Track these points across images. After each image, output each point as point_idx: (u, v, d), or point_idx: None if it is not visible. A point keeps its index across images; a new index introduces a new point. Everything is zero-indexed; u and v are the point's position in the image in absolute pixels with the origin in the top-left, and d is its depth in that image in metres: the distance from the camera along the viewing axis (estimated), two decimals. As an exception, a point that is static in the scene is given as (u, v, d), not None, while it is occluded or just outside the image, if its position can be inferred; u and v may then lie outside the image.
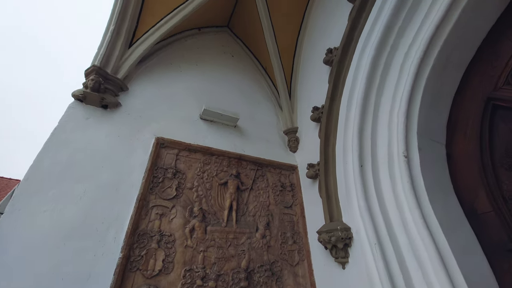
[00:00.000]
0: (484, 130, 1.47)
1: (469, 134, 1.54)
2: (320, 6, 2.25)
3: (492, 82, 1.48)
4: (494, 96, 1.44)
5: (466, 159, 1.53)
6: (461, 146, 1.56)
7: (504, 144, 1.41)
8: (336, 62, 1.79)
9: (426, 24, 1.38)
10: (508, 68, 1.43)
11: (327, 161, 1.75)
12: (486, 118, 1.48)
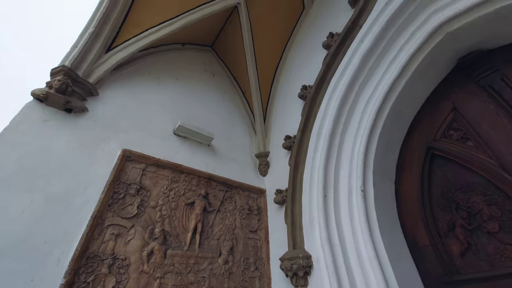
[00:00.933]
0: (425, 174, 1.73)
1: (413, 175, 1.79)
2: (299, 45, 2.49)
3: (432, 133, 1.78)
4: (433, 146, 1.73)
5: (410, 197, 1.76)
6: (406, 185, 1.80)
7: (440, 187, 1.67)
8: (310, 98, 1.96)
9: (383, 81, 1.64)
10: (445, 124, 1.75)
11: (295, 189, 1.84)
12: (426, 163, 1.75)
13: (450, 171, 1.65)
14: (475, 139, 1.56)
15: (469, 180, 1.55)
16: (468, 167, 1.55)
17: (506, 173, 1.39)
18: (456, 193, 1.57)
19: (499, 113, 1.49)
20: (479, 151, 1.53)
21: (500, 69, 1.53)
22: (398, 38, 1.62)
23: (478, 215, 1.46)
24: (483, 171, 1.48)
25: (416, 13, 1.56)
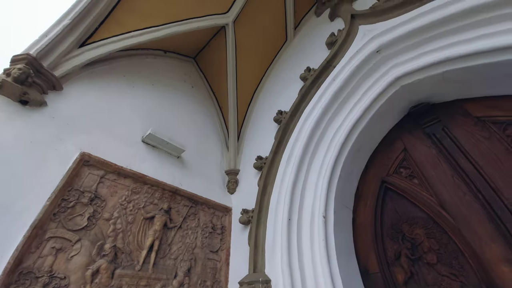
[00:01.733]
0: (378, 205, 1.91)
1: (368, 205, 1.95)
2: (279, 73, 2.66)
3: (386, 169, 1.99)
4: (386, 180, 1.93)
5: (364, 226, 1.90)
6: (362, 214, 1.95)
7: (390, 218, 1.84)
8: (284, 123, 2.07)
9: (349, 118, 1.82)
10: (397, 162, 1.98)
11: (261, 210, 1.86)
12: (380, 196, 1.93)
13: (399, 204, 1.85)
14: (420, 178, 1.79)
15: (413, 214, 1.74)
16: (413, 202, 1.76)
17: (444, 211, 1.61)
18: (403, 225, 1.75)
19: (439, 158, 1.75)
20: (422, 188, 1.76)
21: (442, 120, 1.82)
22: (363, 83, 1.85)
23: (420, 247, 1.64)
24: (425, 207, 1.69)
25: (379, 64, 1.81)
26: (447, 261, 1.50)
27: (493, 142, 1.58)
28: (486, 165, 1.54)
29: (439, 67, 1.60)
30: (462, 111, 1.76)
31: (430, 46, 1.62)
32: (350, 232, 1.91)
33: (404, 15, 1.70)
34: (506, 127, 1.57)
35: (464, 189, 1.57)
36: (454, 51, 1.51)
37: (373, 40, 1.83)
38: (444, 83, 1.69)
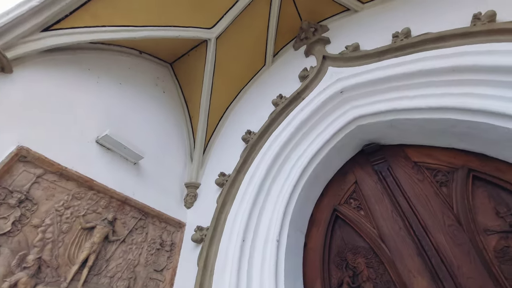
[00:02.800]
0: (328, 232, 2.02)
1: (319, 231, 2.05)
2: (253, 94, 2.76)
3: (339, 198, 2.14)
4: (337, 209, 2.07)
5: (314, 251, 1.98)
6: (313, 240, 2.03)
7: (337, 246, 1.96)
8: (251, 143, 2.12)
9: (310, 148, 1.96)
10: (349, 192, 2.15)
11: (216, 228, 1.81)
12: (331, 223, 2.05)
13: (346, 233, 1.98)
14: (366, 210, 1.97)
15: (357, 244, 1.89)
16: (358, 232, 1.91)
17: (382, 243, 1.78)
18: (347, 253, 1.87)
19: (383, 194, 1.96)
20: (367, 220, 1.92)
21: (388, 160, 2.07)
22: (326, 117, 2.03)
23: (360, 275, 1.76)
24: (367, 237, 1.85)
25: (341, 104, 2.02)
26: (382, 291, 1.63)
27: (425, 185, 1.84)
28: (418, 204, 1.78)
29: (388, 115, 1.85)
30: (404, 155, 2.03)
31: (383, 96, 1.87)
32: (301, 257, 1.96)
33: (365, 66, 1.96)
34: (436, 174, 1.85)
35: (400, 224, 1.77)
36: (401, 104, 1.77)
37: (338, 82, 2.05)
38: (391, 129, 1.95)
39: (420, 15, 1.95)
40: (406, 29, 1.84)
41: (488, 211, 1.59)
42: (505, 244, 1.47)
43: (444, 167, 1.82)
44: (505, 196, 1.59)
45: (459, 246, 1.54)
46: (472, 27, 1.56)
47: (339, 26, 2.63)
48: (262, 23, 2.82)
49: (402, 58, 1.77)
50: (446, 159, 1.84)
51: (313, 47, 2.52)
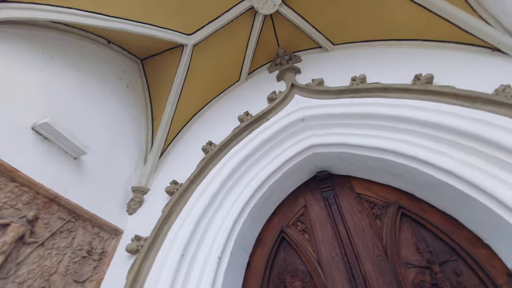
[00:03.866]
0: (272, 252, 2.04)
1: (264, 251, 2.07)
2: (221, 107, 2.78)
3: (287, 220, 2.21)
4: (284, 230, 2.12)
5: (256, 271, 1.97)
6: (257, 259, 2.03)
7: (278, 268, 1.99)
8: (210, 155, 2.10)
9: (267, 168, 2.03)
10: (297, 215, 2.23)
11: (156, 239, 1.70)
12: (276, 243, 2.09)
13: (289, 255, 2.03)
14: (310, 234, 2.05)
15: (297, 266, 1.94)
16: (299, 255, 1.97)
17: (319, 267, 1.86)
18: (286, 275, 1.90)
19: (327, 220, 2.08)
20: (309, 244, 2.01)
21: (335, 189, 2.22)
22: (286, 141, 2.13)
23: (295, 299, 1.80)
24: (306, 261, 1.92)
25: (301, 130, 2.15)
26: (314, 316, 1.68)
27: (363, 216, 2.01)
28: (355, 233, 1.92)
29: (339, 148, 2.03)
30: (349, 186, 2.20)
31: (337, 130, 2.05)
32: (241, 276, 1.93)
33: (326, 100, 2.15)
34: (373, 207, 2.04)
35: (337, 250, 1.89)
36: (350, 139, 1.96)
37: (301, 110, 2.19)
38: (341, 161, 2.12)
39: (376, 66, 2.24)
40: (362, 76, 2.09)
41: (410, 246, 1.79)
42: (422, 279, 1.66)
43: (380, 201, 2.03)
44: (425, 234, 1.82)
45: (383, 276, 1.69)
46: (412, 85, 1.83)
47: (311, 59, 2.86)
48: (242, 42, 2.92)
49: (356, 100, 1.99)
50: (383, 194, 2.05)
51: (285, 74, 2.67)
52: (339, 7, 2.60)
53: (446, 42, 2.14)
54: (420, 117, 1.70)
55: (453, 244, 1.67)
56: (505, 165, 1.41)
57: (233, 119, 2.37)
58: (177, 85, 2.53)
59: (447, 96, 1.67)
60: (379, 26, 2.54)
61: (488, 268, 1.54)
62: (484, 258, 1.57)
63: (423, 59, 2.09)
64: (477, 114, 1.54)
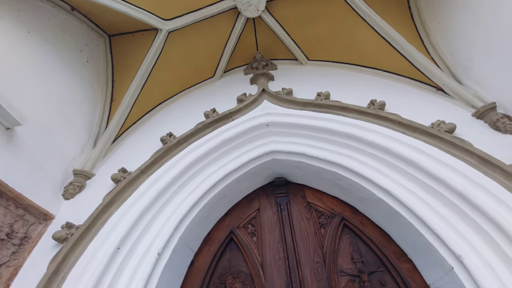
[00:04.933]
0: (218, 253, 2.02)
1: (211, 251, 2.03)
2: (188, 100, 2.72)
3: (239, 221, 2.21)
4: (234, 231, 2.12)
5: (199, 271, 1.93)
6: (202, 259, 1.99)
7: (222, 269, 1.97)
8: (167, 147, 2.02)
9: (223, 168, 2.02)
10: (249, 217, 2.24)
11: (90, 229, 1.57)
12: (224, 244, 2.08)
13: (235, 256, 2.03)
14: (258, 237, 2.08)
15: (241, 268, 1.94)
16: (244, 257, 1.98)
17: (261, 270, 1.89)
18: (228, 277, 1.89)
19: (276, 224, 2.13)
20: (256, 247, 2.03)
21: (289, 196, 2.30)
22: (248, 143, 2.15)
23: (232, 301, 1.79)
24: (250, 263, 1.93)
25: (264, 135, 2.20)
26: (246, 318, 1.69)
27: (310, 224, 2.10)
28: (300, 239, 2.00)
29: (297, 157, 2.11)
30: (302, 194, 2.30)
31: (298, 140, 2.14)
32: (182, 275, 1.87)
33: (291, 109, 2.23)
34: (320, 216, 2.15)
35: (280, 255, 1.94)
36: (307, 150, 2.06)
37: (267, 115, 2.24)
38: (297, 169, 2.21)
39: (340, 86, 2.41)
40: (327, 93, 2.22)
41: (346, 256, 1.93)
42: (351, 286, 1.78)
43: (327, 211, 2.15)
44: (361, 246, 1.97)
45: (318, 282, 1.78)
46: (367, 108, 2.00)
47: (285, 69, 2.96)
48: (221, 39, 2.90)
49: (318, 114, 2.10)
50: (330, 205, 2.18)
51: (259, 78, 2.72)
52: (318, 26, 2.75)
53: (401, 75, 2.40)
54: (369, 138, 1.86)
55: (382, 257, 1.84)
56: (431, 190, 1.61)
57: (199, 114, 2.32)
58: (144, 69, 2.41)
59: (393, 123, 1.86)
60: (349, 51, 2.74)
61: (409, 281, 1.71)
62: (407, 272, 1.75)
63: (380, 87, 2.31)
64: (414, 142, 1.74)
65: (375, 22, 2.31)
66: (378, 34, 2.39)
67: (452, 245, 1.37)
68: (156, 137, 2.15)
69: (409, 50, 2.27)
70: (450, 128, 1.70)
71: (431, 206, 1.58)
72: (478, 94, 1.93)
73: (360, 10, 2.33)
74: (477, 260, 1.32)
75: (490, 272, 1.27)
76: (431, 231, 1.52)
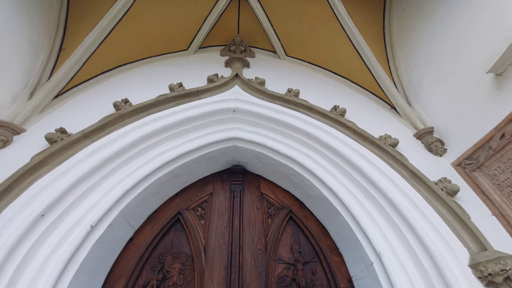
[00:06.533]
0: (161, 232, 1.95)
1: (153, 230, 1.95)
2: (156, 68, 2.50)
3: (190, 203, 2.16)
4: (182, 213, 2.06)
5: (137, 248, 1.84)
6: (143, 236, 1.90)
7: (162, 248, 1.91)
8: (121, 113, 1.83)
9: (182, 146, 1.94)
10: (201, 201, 2.20)
11: (9, 190, 1.34)
12: (169, 224, 2.01)
13: (179, 237, 1.98)
14: (206, 221, 2.07)
15: (183, 249, 1.91)
16: (188, 239, 1.96)
17: (204, 253, 1.89)
18: (168, 257, 1.85)
19: (226, 210, 2.14)
20: (202, 230, 2.02)
21: (244, 184, 2.33)
22: (211, 126, 2.10)
23: (169, 280, 1.76)
24: (193, 245, 1.92)
25: (230, 120, 2.16)
26: (179, 299, 1.69)
27: (259, 213, 2.17)
28: (247, 227, 2.06)
29: (258, 148, 2.13)
30: (257, 184, 2.35)
31: (261, 131, 2.16)
32: (118, 251, 1.77)
33: (260, 100, 2.23)
34: (270, 207, 2.23)
35: (225, 239, 1.97)
36: (269, 142, 2.09)
37: (236, 101, 2.20)
38: (256, 160, 2.24)
39: (311, 86, 2.50)
40: (297, 90, 2.28)
41: (287, 245, 2.05)
42: (285, 273, 1.90)
43: (278, 203, 2.24)
44: (301, 237, 2.11)
45: (257, 267, 1.86)
46: (329, 112, 2.12)
47: (262, 59, 2.94)
48: (201, 12, 2.72)
49: (285, 109, 2.15)
50: (281, 198, 2.28)
51: (234, 62, 2.64)
52: (302, 25, 2.76)
53: (364, 89, 2.59)
54: (326, 140, 1.97)
55: (318, 249, 2.00)
56: (368, 194, 1.79)
57: (163, 86, 2.15)
58: (106, 22, 2.12)
59: (349, 130, 2.00)
60: (327, 56, 2.84)
61: (336, 273, 1.90)
62: (336, 264, 1.94)
63: (345, 95, 2.47)
64: (363, 150, 1.91)
65: (352, 34, 2.42)
66: (353, 46, 2.51)
67: (375, 243, 1.56)
68: (109, 101, 1.94)
69: (376, 67, 2.45)
70: (394, 142, 1.90)
71: (365, 208, 1.76)
72: (422, 118, 2.19)
73: (342, 19, 2.41)
74: (392, 258, 1.52)
75: (401, 269, 1.47)
76: (361, 230, 1.69)
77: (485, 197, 1.64)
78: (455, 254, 1.36)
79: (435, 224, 1.49)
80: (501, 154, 1.58)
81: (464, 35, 1.86)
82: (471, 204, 1.63)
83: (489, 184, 1.64)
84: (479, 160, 1.69)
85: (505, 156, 1.56)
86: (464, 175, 1.77)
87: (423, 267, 1.41)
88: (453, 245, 1.40)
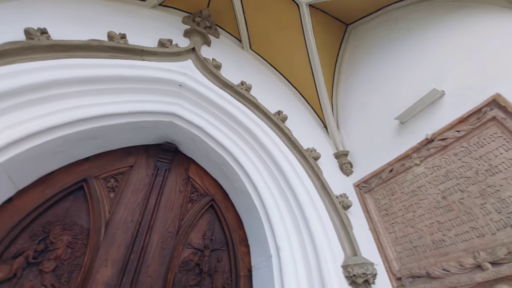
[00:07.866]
0: (54, 198, 1.65)
1: (45, 193, 1.64)
2: (94, 8, 2.07)
3: (102, 171, 1.90)
4: (88, 180, 1.79)
5: (16, 210, 1.51)
6: (28, 199, 1.57)
7: (52, 216, 1.62)
8: (30, 44, 1.44)
9: (111, 106, 1.69)
10: (116, 171, 1.96)
11: None
12: (67, 191, 1.71)
13: (78, 207, 1.72)
14: (117, 195, 1.85)
15: (79, 221, 1.67)
16: (89, 210, 1.72)
17: (104, 228, 1.69)
18: (56, 227, 1.58)
19: (144, 187, 1.98)
20: (110, 203, 1.80)
21: (172, 164, 2.20)
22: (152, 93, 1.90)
23: (51, 253, 1.51)
24: (94, 218, 1.69)
25: (173, 94, 2.01)
26: (59, 273, 1.47)
27: (180, 196, 2.10)
28: (163, 208, 1.96)
29: (196, 130, 2.06)
30: (186, 167, 2.27)
31: (204, 114, 2.09)
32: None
33: (211, 83, 2.15)
34: (193, 192, 2.19)
35: (135, 217, 1.82)
36: (208, 128, 2.05)
37: (185, 76, 2.06)
38: (191, 142, 2.16)
39: (263, 86, 2.56)
40: (249, 85, 2.31)
41: (200, 232, 2.05)
42: (191, 258, 1.90)
43: (202, 190, 2.23)
44: (216, 226, 2.15)
45: (162, 249, 1.80)
46: (273, 115, 2.23)
47: (225, 43, 2.84)
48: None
49: (233, 100, 2.15)
50: (208, 186, 2.27)
51: (194, 35, 2.46)
52: (272, 24, 2.78)
53: (308, 104, 2.84)
54: (263, 140, 2.08)
55: (229, 239, 2.09)
56: (284, 196, 1.97)
57: (101, 30, 1.81)
58: None
59: (285, 136, 2.17)
60: (286, 63, 2.97)
61: (239, 261, 2.02)
62: (241, 254, 2.06)
63: (291, 104, 2.65)
64: (291, 157, 2.10)
65: (311, 50, 2.61)
66: (309, 62, 2.71)
67: (278, 239, 1.74)
68: (20, 25, 1.50)
69: (322, 88, 2.72)
70: (317, 156, 2.17)
71: (279, 208, 1.94)
72: (343, 141, 2.56)
73: (306, 32, 2.56)
74: (289, 253, 1.72)
75: (292, 262, 1.68)
76: (270, 226, 1.86)
77: (368, 215, 2.06)
78: (334, 255, 1.66)
79: (326, 229, 1.78)
80: (386, 184, 2.01)
81: (387, 85, 2.26)
82: (357, 218, 2.01)
83: (373, 205, 2.07)
84: (371, 185, 2.10)
85: (388, 186, 1.99)
86: (359, 194, 2.17)
87: (308, 262, 1.65)
88: (335, 248, 1.70)
